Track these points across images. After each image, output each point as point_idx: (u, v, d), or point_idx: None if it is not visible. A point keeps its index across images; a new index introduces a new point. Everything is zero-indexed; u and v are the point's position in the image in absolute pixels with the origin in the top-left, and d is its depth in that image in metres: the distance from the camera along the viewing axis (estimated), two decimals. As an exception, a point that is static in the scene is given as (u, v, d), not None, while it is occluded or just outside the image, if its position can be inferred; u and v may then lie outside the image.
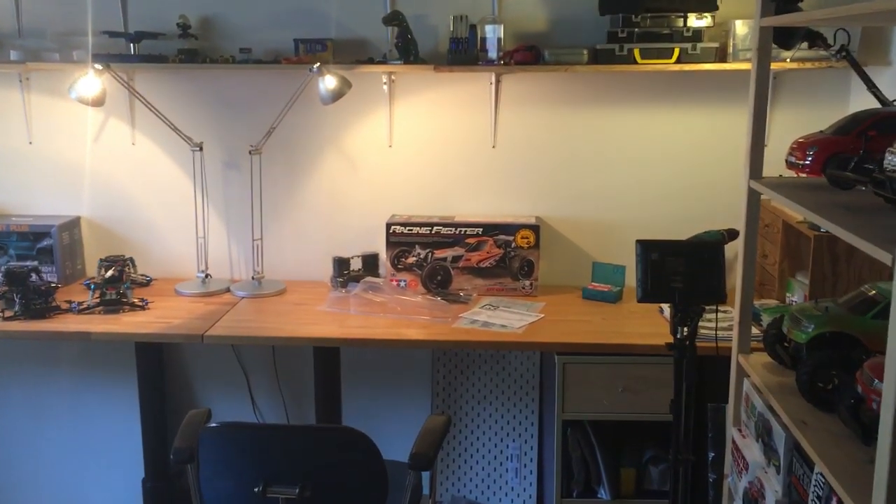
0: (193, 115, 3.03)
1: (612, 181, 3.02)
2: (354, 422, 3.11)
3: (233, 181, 3.08)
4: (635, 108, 2.96)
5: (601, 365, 2.48)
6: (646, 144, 2.98)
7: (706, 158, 2.98)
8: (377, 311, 2.73)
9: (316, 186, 3.08)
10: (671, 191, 3.01)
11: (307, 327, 2.59)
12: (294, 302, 2.86)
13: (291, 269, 3.12)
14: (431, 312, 2.71)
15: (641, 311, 2.77)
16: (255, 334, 2.55)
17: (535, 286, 2.93)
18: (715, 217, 2.96)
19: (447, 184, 3.06)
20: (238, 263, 3.15)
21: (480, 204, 3.06)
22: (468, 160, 3.04)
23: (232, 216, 3.12)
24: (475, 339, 2.51)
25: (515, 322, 2.63)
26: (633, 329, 2.59)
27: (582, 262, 3.04)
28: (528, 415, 3.07)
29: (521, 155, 3.02)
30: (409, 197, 3.07)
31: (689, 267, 1.89)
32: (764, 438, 1.98)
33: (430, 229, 2.91)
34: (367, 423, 3.20)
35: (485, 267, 2.93)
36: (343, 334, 2.54)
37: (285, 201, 3.10)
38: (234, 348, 3.11)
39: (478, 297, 2.91)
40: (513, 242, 2.90)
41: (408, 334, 2.54)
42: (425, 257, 2.93)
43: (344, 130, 3.04)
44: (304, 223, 3.11)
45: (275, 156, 3.05)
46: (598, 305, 2.84)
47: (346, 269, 2.97)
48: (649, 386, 2.47)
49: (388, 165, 3.06)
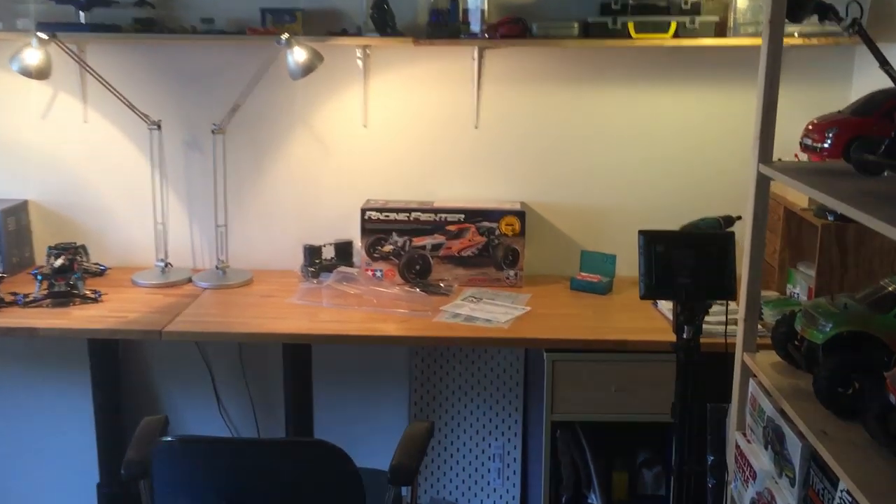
0: (151, 90, 2.79)
1: (602, 164, 2.84)
2: (327, 423, 2.96)
3: (194, 162, 2.86)
4: (628, 86, 2.77)
5: (594, 363, 2.31)
6: (639, 125, 2.80)
7: (703, 140, 2.81)
8: (352, 304, 2.53)
9: (285, 169, 2.86)
10: (665, 175, 2.84)
11: (276, 322, 2.39)
12: (262, 293, 2.66)
13: (258, 258, 2.91)
14: (410, 305, 2.52)
15: (634, 304, 2.59)
16: (219, 330, 2.34)
17: (520, 276, 2.75)
18: (710, 202, 2.80)
19: (426, 167, 2.86)
20: (201, 251, 2.93)
21: (462, 188, 2.86)
22: (449, 141, 2.84)
23: (194, 200, 2.89)
24: (458, 334, 2.33)
25: (501, 316, 2.45)
26: (626, 324, 2.42)
27: (570, 250, 2.86)
28: (512, 412, 2.89)
29: (505, 136, 2.83)
30: (386, 181, 2.86)
31: (697, 260, 1.72)
32: (775, 446, 1.82)
33: (408, 215, 2.71)
34: (340, 424, 3.03)
35: (467, 256, 2.74)
36: (315, 330, 2.34)
37: (251, 184, 2.88)
38: (197, 344, 2.90)
39: (459, 287, 2.72)
40: (496, 230, 2.72)
41: (385, 329, 2.35)
42: (403, 245, 2.74)
43: (315, 108, 2.82)
44: (272, 208, 2.89)
45: (240, 135, 2.82)
46: (588, 297, 2.67)
47: (318, 258, 2.77)
48: (645, 385, 2.31)
49: (362, 147, 2.85)
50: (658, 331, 2.35)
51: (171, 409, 3.01)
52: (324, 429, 2.89)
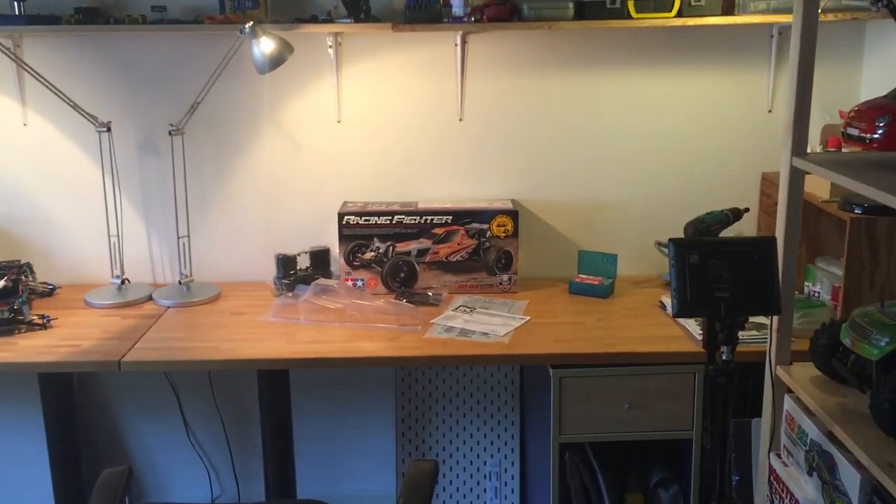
0: (98, 88, 2.51)
1: (599, 157, 2.62)
2: (308, 445, 2.72)
3: (151, 167, 2.58)
4: (628, 71, 2.55)
5: (604, 378, 2.10)
6: (639, 114, 2.58)
7: (708, 128, 2.60)
8: (332, 320, 2.29)
9: (252, 171, 2.60)
10: (667, 166, 2.62)
11: (249, 345, 2.14)
12: (231, 310, 2.40)
13: (226, 270, 2.65)
14: (397, 319, 2.29)
15: (639, 307, 2.40)
16: (186, 357, 2.08)
17: (514, 281, 2.52)
18: (715, 195, 2.61)
19: (408, 165, 2.61)
20: (161, 265, 2.66)
21: (448, 187, 2.63)
22: (432, 136, 2.59)
23: (151, 209, 2.62)
24: (455, 352, 2.10)
25: (499, 328, 2.22)
26: (635, 331, 2.21)
27: (566, 250, 2.65)
28: (508, 426, 2.68)
29: (493, 129, 2.59)
30: (364, 181, 2.61)
31: (736, 270, 1.50)
32: (822, 474, 1.62)
33: (390, 219, 2.47)
34: (322, 445, 2.78)
35: (456, 261, 2.51)
36: (293, 353, 2.10)
37: (216, 190, 2.61)
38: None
39: (449, 296, 2.49)
40: (487, 231, 2.49)
41: (372, 349, 2.11)
42: (385, 252, 2.49)
43: (283, 104, 2.56)
44: (240, 215, 2.63)
45: (201, 136, 2.55)
46: (589, 301, 2.46)
47: (293, 268, 2.51)
48: (660, 399, 2.11)
49: (337, 144, 2.59)
50: (670, 339, 2.15)
51: (135, 439, 2.74)
52: (305, 452, 2.65)
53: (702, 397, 2.11)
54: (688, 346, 2.11)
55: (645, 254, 2.62)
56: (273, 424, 2.34)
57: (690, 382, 2.11)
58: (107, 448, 2.74)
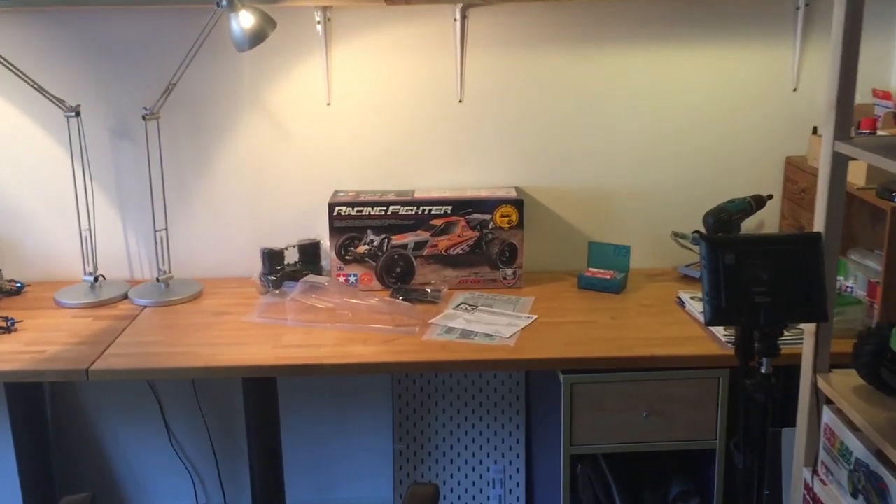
0: (65, 70, 2.31)
1: (611, 140, 2.42)
2: (298, 453, 2.53)
3: (125, 155, 2.38)
4: (641, 47, 2.35)
5: (619, 384, 1.92)
6: (654, 93, 2.39)
7: (728, 108, 2.40)
8: (322, 321, 2.11)
9: (235, 159, 2.40)
10: (685, 150, 2.43)
11: (232, 350, 1.95)
12: (213, 310, 2.21)
13: (209, 265, 2.46)
14: (393, 319, 2.10)
15: (654, 303, 2.22)
16: (160, 364, 1.89)
17: (519, 275, 2.34)
18: (737, 180, 2.42)
19: (403, 150, 2.42)
20: (139, 260, 2.47)
21: (447, 175, 2.43)
22: (429, 119, 2.40)
23: (127, 199, 2.42)
24: (456, 356, 1.91)
25: (503, 329, 2.04)
26: (651, 331, 2.03)
27: (575, 242, 2.46)
28: (513, 430, 2.50)
29: (495, 110, 2.40)
30: (356, 169, 2.42)
31: (778, 272, 1.32)
32: (870, 497, 1.45)
33: (385, 209, 2.28)
34: (313, 453, 2.59)
35: (456, 254, 2.32)
36: (277, 359, 1.91)
37: (196, 179, 2.42)
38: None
39: (449, 292, 2.30)
40: (490, 222, 2.30)
41: (365, 353, 1.93)
42: (380, 245, 2.31)
43: (268, 85, 2.36)
44: (222, 206, 2.44)
45: (179, 121, 2.36)
46: (600, 297, 2.27)
47: (280, 263, 2.33)
48: (679, 406, 1.93)
49: (327, 129, 2.40)
50: (692, 340, 1.97)
51: (114, 446, 2.56)
52: (295, 459, 2.49)
53: (726, 405, 1.94)
54: (711, 347, 1.93)
55: (660, 245, 2.43)
56: (260, 434, 2.17)
57: (714, 388, 1.93)
58: (83, 456, 2.56)
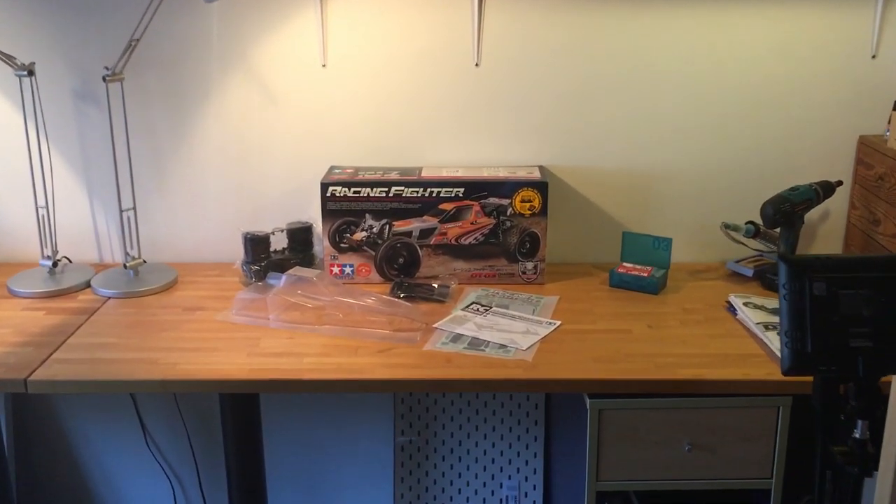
0: (17, 21, 1.99)
1: (651, 113, 2.07)
2: (286, 477, 2.24)
3: (91, 121, 2.07)
4: (688, 3, 1.99)
5: (658, 411, 1.61)
6: (702, 59, 2.03)
7: (792, 78, 2.04)
8: (308, 322, 1.80)
9: (217, 129, 2.09)
10: (739, 127, 2.08)
11: (198, 357, 1.66)
12: (186, 304, 1.91)
13: (187, 248, 2.16)
14: (391, 322, 1.79)
15: (699, 308, 1.89)
16: (112, 376, 1.59)
17: (540, 270, 2.01)
18: (799, 163, 2.07)
19: (410, 121, 2.09)
20: (108, 240, 2.18)
21: (459, 151, 2.10)
22: (440, 86, 2.06)
23: (94, 172, 2.12)
24: (461, 375, 1.60)
25: (520, 338, 1.72)
26: (697, 346, 1.71)
27: (606, 231, 2.13)
28: (530, 458, 2.20)
29: (517, 77, 2.05)
30: (355, 142, 2.10)
31: (883, 306, 0.98)
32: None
33: (387, 190, 1.96)
34: (305, 478, 2.28)
35: (468, 244, 2.00)
36: (252, 372, 1.60)
37: (173, 152, 2.10)
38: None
39: (459, 287, 1.99)
40: (509, 208, 1.97)
41: (354, 367, 1.62)
42: (380, 232, 1.99)
43: (254, 43, 2.03)
44: (202, 182, 2.13)
45: (152, 84, 2.04)
46: (634, 299, 1.95)
47: (265, 251, 2.02)
48: (729, 439, 1.62)
49: (321, 96, 2.07)
50: (746, 359, 1.65)
51: (85, 449, 2.29)
52: (281, 481, 2.21)
53: (786, 438, 1.62)
54: (768, 369, 1.61)
55: (705, 236, 2.10)
56: (239, 453, 1.89)
57: (772, 419, 1.61)
58: (49, 462, 2.30)
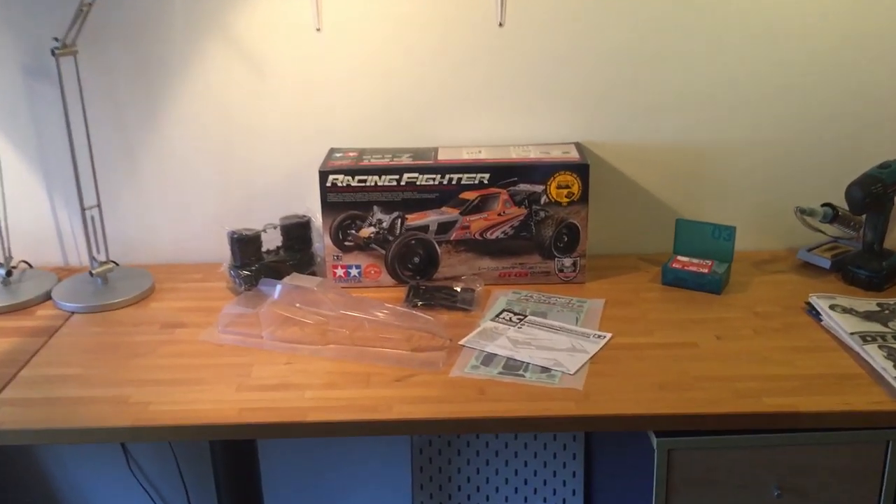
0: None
1: (708, 78, 1.75)
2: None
3: (47, 103, 1.76)
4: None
5: (739, 450, 1.31)
6: (769, 9, 1.70)
7: (882, 34, 1.71)
8: (309, 341, 1.50)
9: (193, 108, 1.76)
10: (814, 93, 1.76)
11: (176, 394, 1.36)
12: (163, 319, 1.61)
13: (165, 247, 1.86)
14: (409, 339, 1.49)
15: (773, 311, 1.59)
16: (68, 423, 1.29)
17: (581, 267, 1.71)
18: (883, 135, 1.75)
19: (423, 94, 1.76)
20: (74, 241, 1.87)
21: (482, 128, 1.78)
22: (459, 51, 1.74)
23: (52, 162, 1.81)
24: (500, 411, 1.29)
25: (566, 357, 1.42)
26: (780, 364, 1.40)
27: (656, 217, 1.82)
28: (568, 478, 1.92)
29: (549, 38, 1.73)
30: (359, 119, 1.78)
31: None
32: None
33: (398, 178, 1.65)
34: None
35: (495, 239, 1.69)
36: (243, 412, 1.30)
37: (145, 136, 1.79)
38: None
39: (486, 290, 1.69)
40: (543, 196, 1.66)
41: (366, 403, 1.32)
42: (391, 227, 1.68)
43: (237, 7, 1.70)
44: (180, 170, 1.81)
45: (118, 58, 1.72)
46: (693, 300, 1.64)
47: (256, 252, 1.71)
48: (826, 481, 1.33)
49: (317, 65, 1.74)
50: (841, 380, 1.35)
51: (57, 461, 2.02)
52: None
53: (895, 479, 1.32)
54: (873, 395, 1.31)
55: (772, 220, 1.80)
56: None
57: (878, 457, 1.32)
58: (18, 484, 2.03)
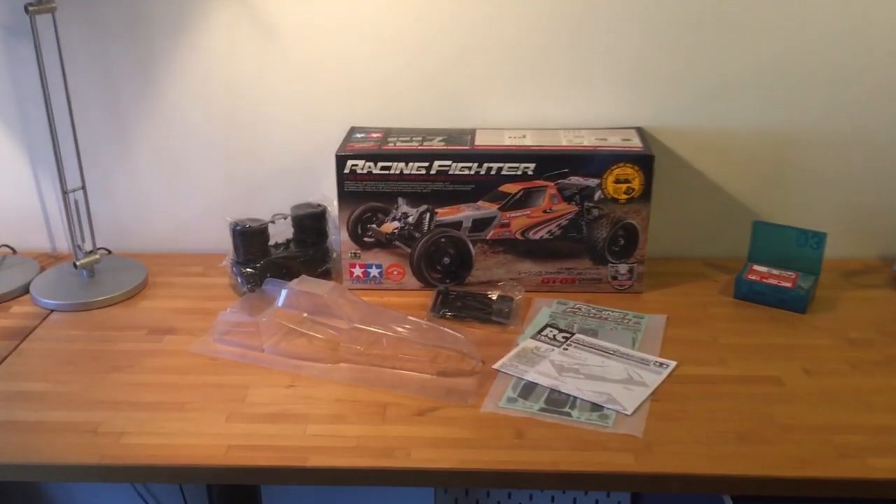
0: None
1: (791, 55, 1.47)
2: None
3: (31, 68, 1.54)
4: None
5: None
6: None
7: None
8: (317, 358, 1.28)
9: (198, 80, 1.53)
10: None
11: (156, 423, 1.14)
12: (153, 323, 1.40)
13: (161, 233, 1.65)
14: (434, 361, 1.27)
15: (869, 336, 1.34)
16: (28, 458, 1.09)
17: (638, 275, 1.46)
18: None
19: (459, 67, 1.51)
20: (61, 223, 1.67)
21: (526, 107, 1.53)
22: (499, 18, 1.48)
23: (37, 136, 1.59)
24: (541, 464, 1.06)
25: (621, 392, 1.18)
26: (888, 412, 1.15)
27: (729, 218, 1.56)
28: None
29: (604, 4, 1.46)
30: (383, 95, 1.53)
31: None
32: None
33: (428, 166, 1.41)
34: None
35: (540, 239, 1.45)
36: (232, 450, 1.09)
37: (141, 110, 1.56)
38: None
39: (527, 298, 1.45)
40: (597, 191, 1.41)
41: (381, 444, 1.10)
42: (418, 222, 1.45)
43: (242, -44, 1.47)
44: (179, 148, 1.59)
45: (107, 19, 1.49)
46: (773, 320, 1.39)
47: (262, 246, 1.49)
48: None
49: (337, 32, 1.50)
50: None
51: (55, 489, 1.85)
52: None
53: None
54: None
55: (865, 225, 1.53)
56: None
57: None
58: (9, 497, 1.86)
